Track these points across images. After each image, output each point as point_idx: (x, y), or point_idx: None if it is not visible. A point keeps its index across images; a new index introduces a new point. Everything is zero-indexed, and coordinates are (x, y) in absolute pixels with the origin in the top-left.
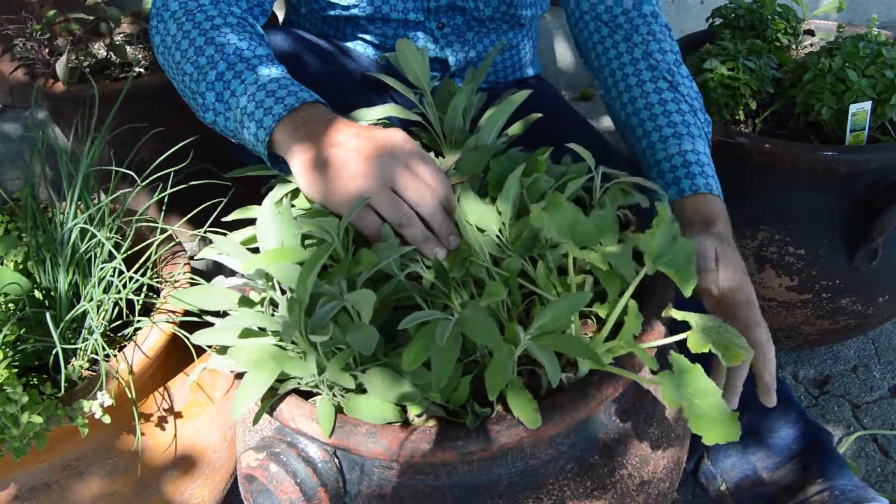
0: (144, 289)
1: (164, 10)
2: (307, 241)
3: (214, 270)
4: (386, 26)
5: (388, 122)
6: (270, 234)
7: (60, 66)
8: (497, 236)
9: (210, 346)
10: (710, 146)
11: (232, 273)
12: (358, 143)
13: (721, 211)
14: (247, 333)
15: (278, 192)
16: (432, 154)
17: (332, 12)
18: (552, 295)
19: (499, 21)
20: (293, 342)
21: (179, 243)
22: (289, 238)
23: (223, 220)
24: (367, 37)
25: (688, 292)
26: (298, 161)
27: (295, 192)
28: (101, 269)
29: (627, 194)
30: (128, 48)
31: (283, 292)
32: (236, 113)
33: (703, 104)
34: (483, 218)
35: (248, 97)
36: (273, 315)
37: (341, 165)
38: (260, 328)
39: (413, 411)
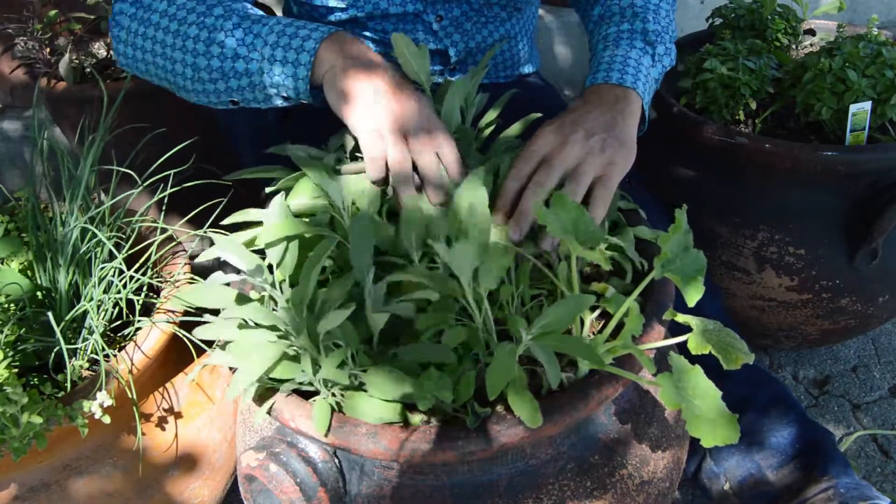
0: (145, 289)
1: None
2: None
3: (214, 270)
4: (385, 22)
5: None
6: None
7: (63, 65)
8: None
9: (210, 345)
10: (662, 56)
11: (235, 272)
12: (394, 93)
13: (610, 96)
14: (243, 326)
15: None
16: None
17: (332, 17)
18: (567, 289)
19: (496, 9)
20: (293, 336)
21: (180, 243)
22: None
23: (221, 223)
24: (367, 33)
25: (692, 301)
26: (338, 86)
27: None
28: (102, 269)
29: (625, 195)
30: None
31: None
32: (263, 52)
33: (672, 38)
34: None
35: (275, 34)
36: (274, 311)
37: (374, 101)
38: (258, 324)
39: (422, 406)
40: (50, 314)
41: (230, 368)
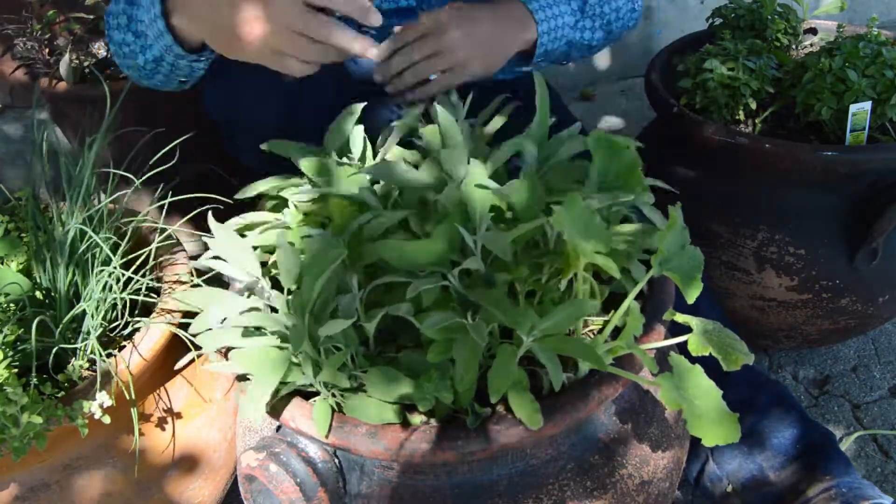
0: (144, 289)
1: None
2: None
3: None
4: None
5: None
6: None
7: (64, 65)
8: None
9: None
10: (581, 41)
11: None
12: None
13: (511, 10)
14: (248, 334)
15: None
16: None
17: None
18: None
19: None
20: (295, 340)
21: (179, 243)
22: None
23: (234, 198)
24: (363, 29)
25: (691, 299)
26: (204, 33)
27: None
28: (101, 269)
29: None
30: None
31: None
32: (148, 35)
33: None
34: None
35: (143, 8)
36: (274, 312)
37: (240, 27)
38: (260, 328)
39: (422, 407)
40: (48, 315)
41: (235, 377)
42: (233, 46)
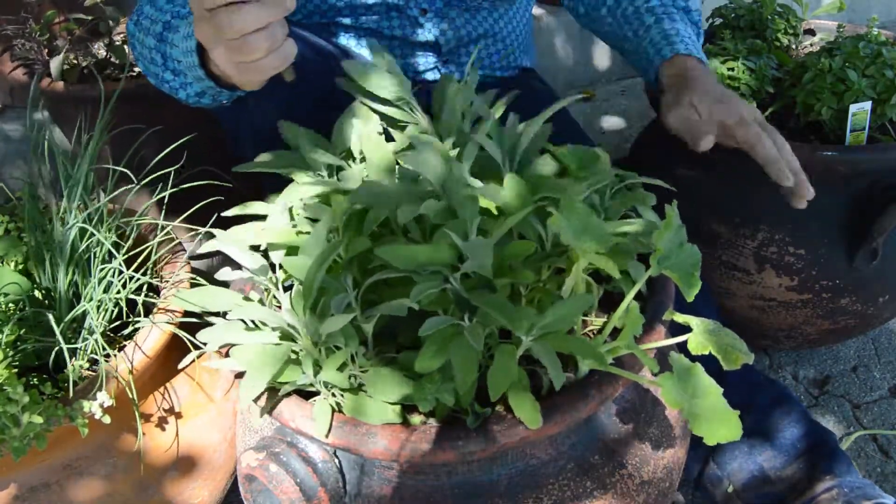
0: (145, 288)
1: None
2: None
3: (215, 270)
4: (366, 14)
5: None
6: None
7: (55, 64)
8: None
9: (205, 344)
10: (701, 38)
11: (237, 267)
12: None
13: (698, 66)
14: (249, 330)
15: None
16: None
17: (316, 19)
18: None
19: None
20: (294, 339)
21: (179, 242)
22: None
23: (222, 214)
24: (346, 20)
25: (690, 297)
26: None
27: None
28: (102, 269)
29: (636, 195)
30: (126, 48)
31: (286, 290)
32: (187, 74)
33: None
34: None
35: (179, 50)
36: (277, 311)
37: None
38: (262, 323)
39: (422, 408)
40: (50, 315)
41: (235, 374)
42: (239, 81)
